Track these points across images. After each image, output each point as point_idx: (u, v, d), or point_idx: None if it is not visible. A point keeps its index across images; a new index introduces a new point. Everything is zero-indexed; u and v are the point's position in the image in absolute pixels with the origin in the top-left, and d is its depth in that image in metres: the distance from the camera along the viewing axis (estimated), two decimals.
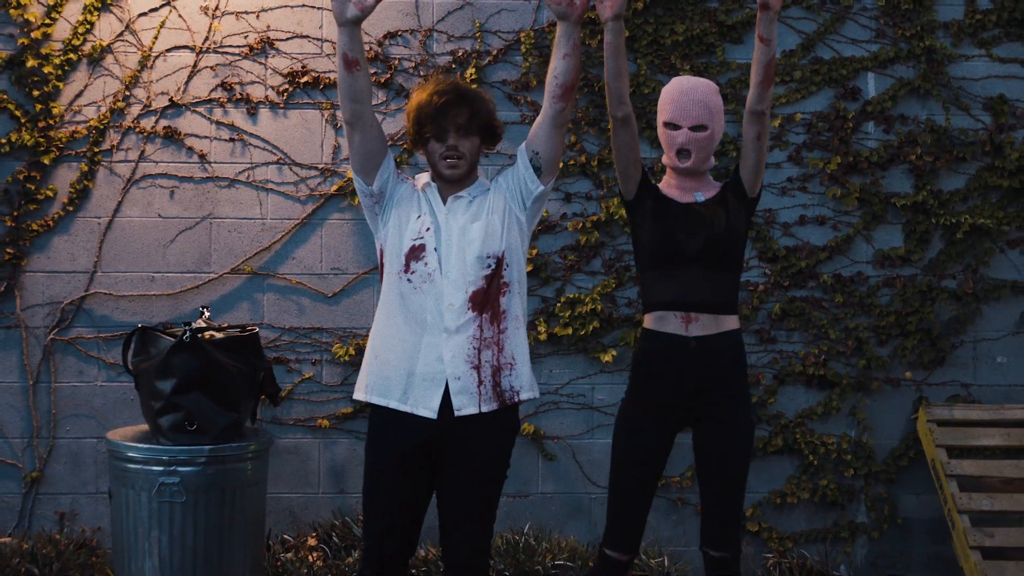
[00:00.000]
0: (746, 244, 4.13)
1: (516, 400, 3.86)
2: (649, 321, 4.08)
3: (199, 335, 4.81)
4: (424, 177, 3.97)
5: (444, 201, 3.90)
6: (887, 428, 5.88)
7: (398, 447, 3.82)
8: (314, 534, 5.60)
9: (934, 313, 5.85)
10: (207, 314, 5.11)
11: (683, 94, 4.05)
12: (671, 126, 4.06)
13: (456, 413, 3.77)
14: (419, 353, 3.80)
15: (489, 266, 3.82)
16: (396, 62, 5.75)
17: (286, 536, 5.61)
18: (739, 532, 4.12)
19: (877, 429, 5.87)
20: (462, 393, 3.77)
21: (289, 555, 5.41)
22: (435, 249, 3.82)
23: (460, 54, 5.76)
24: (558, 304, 5.76)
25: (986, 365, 5.91)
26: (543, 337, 5.74)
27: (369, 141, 3.85)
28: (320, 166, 5.73)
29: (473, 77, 5.70)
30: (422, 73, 5.73)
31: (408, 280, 3.82)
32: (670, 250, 4.02)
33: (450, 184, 3.91)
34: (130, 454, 4.78)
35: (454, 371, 3.77)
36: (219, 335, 4.89)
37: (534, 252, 5.73)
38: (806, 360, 5.81)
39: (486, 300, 3.81)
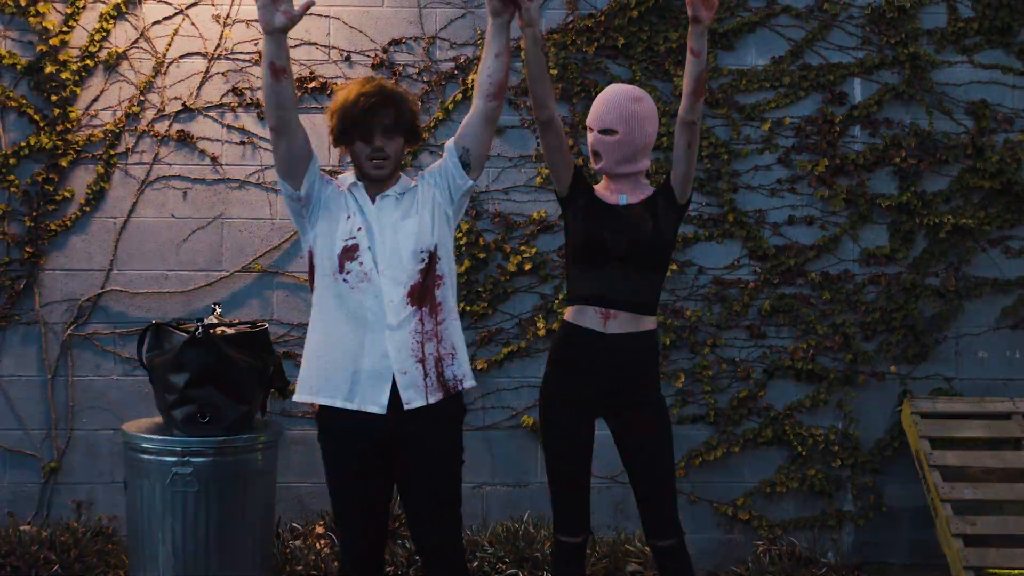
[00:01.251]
0: (672, 248, 4.10)
1: (460, 388, 3.84)
2: (569, 314, 4.09)
3: (211, 331, 4.81)
4: (348, 177, 3.91)
5: (372, 200, 3.84)
6: (873, 420, 5.89)
7: (353, 445, 3.78)
8: (321, 522, 5.60)
9: (918, 309, 5.85)
10: (219, 311, 5.11)
11: (601, 98, 4.08)
12: (588, 128, 4.09)
13: (405, 407, 3.73)
14: (363, 351, 3.73)
15: (423, 260, 3.78)
16: (401, 68, 5.75)
17: (295, 524, 5.61)
18: (678, 518, 4.08)
19: (863, 421, 5.88)
20: (410, 387, 3.73)
21: (297, 542, 5.42)
22: (369, 248, 3.76)
23: (462, 60, 5.76)
24: (556, 301, 5.76)
25: (968, 359, 5.91)
26: (541, 332, 5.74)
27: (296, 147, 3.76)
28: (327, 168, 5.73)
29: (474, 82, 5.70)
30: (425, 79, 5.73)
31: (344, 280, 3.76)
32: (595, 248, 4.01)
33: (376, 183, 3.85)
34: (145, 445, 4.79)
35: (400, 366, 3.72)
36: (230, 331, 4.89)
37: (533, 251, 5.73)
38: (795, 355, 5.82)
39: (424, 294, 3.77)
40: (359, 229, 3.78)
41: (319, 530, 5.54)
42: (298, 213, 3.86)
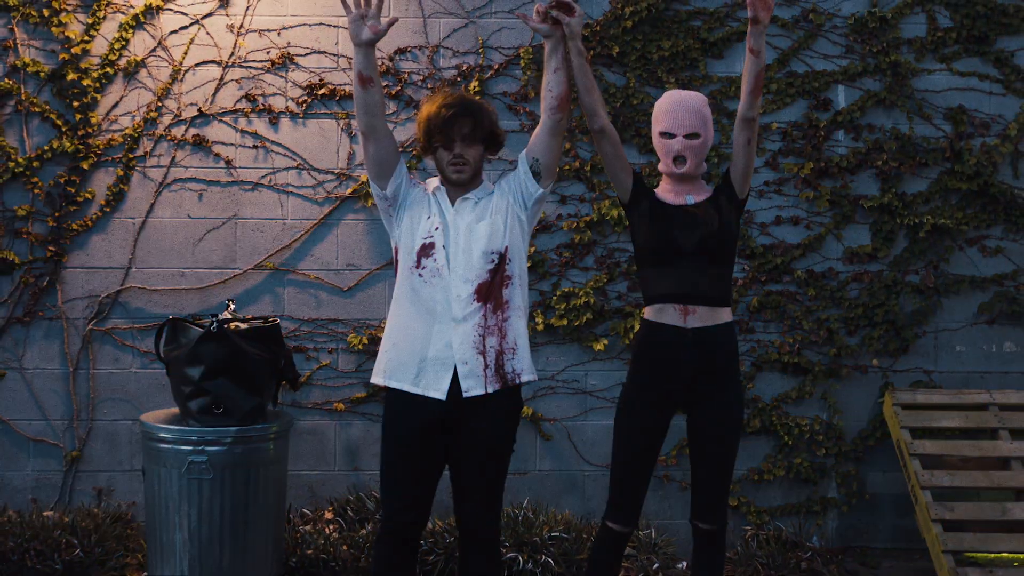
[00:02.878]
0: (737, 241, 4.13)
1: (518, 382, 3.90)
2: (649, 313, 4.08)
3: (225, 326, 4.81)
4: (434, 181, 4.01)
5: (452, 203, 3.94)
6: (856, 411, 5.88)
7: (412, 425, 3.86)
8: (330, 508, 5.60)
9: (899, 305, 5.84)
10: (232, 307, 5.11)
11: (677, 105, 4.06)
12: (667, 135, 4.07)
13: (464, 394, 3.82)
14: (430, 340, 3.84)
15: (493, 260, 3.87)
16: (406, 75, 5.74)
17: (305, 510, 5.61)
18: (726, 507, 4.14)
19: (847, 412, 5.87)
20: (469, 376, 3.82)
21: (308, 527, 5.41)
22: (443, 246, 3.87)
23: (464, 68, 5.75)
24: (554, 297, 5.75)
25: (946, 353, 5.91)
26: (540, 327, 5.73)
27: (383, 151, 3.90)
28: (336, 171, 5.72)
29: (476, 89, 5.70)
30: (430, 86, 5.73)
31: (419, 275, 3.87)
32: (668, 247, 4.02)
33: (457, 187, 3.95)
34: (162, 435, 4.79)
35: (462, 356, 3.82)
36: (244, 326, 4.89)
37: (532, 250, 5.72)
38: (782, 349, 5.81)
39: (490, 292, 3.86)
40: (437, 228, 3.90)
41: (328, 516, 5.53)
42: (386, 212, 4.00)
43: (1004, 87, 5.89)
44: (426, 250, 3.88)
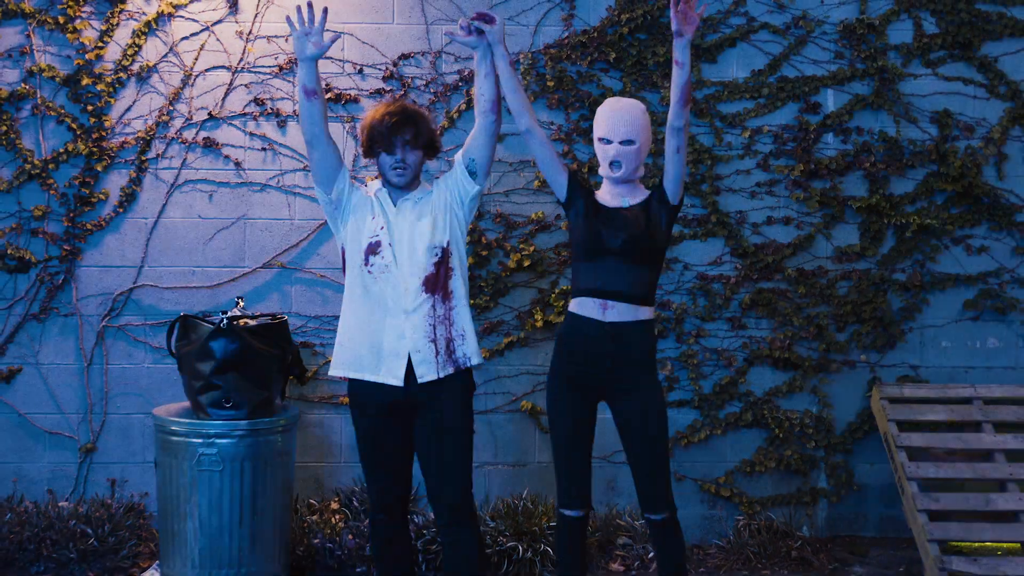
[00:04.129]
0: (667, 245, 4.19)
1: (468, 365, 4.09)
2: (573, 305, 4.18)
3: (235, 322, 4.81)
4: (375, 184, 4.19)
5: (394, 203, 4.11)
6: (845, 405, 5.88)
7: (377, 410, 4.06)
8: (336, 499, 5.59)
9: (886, 302, 5.84)
10: (242, 304, 5.11)
11: (614, 112, 4.14)
12: (604, 141, 4.15)
13: (419, 380, 4.00)
14: (383, 332, 4.02)
15: (437, 254, 4.05)
16: (409, 81, 5.73)
17: (312, 500, 5.60)
18: (671, 494, 4.17)
19: (836, 406, 5.87)
20: (423, 363, 4.00)
21: (314, 517, 5.41)
22: (390, 244, 4.03)
23: (466, 73, 5.74)
24: (553, 295, 5.74)
25: (932, 349, 5.90)
26: (539, 324, 5.73)
27: (326, 158, 4.07)
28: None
29: None
30: (433, 91, 5.72)
31: (369, 271, 4.03)
32: (594, 245, 4.10)
33: (398, 189, 4.12)
34: (174, 428, 4.79)
35: (415, 345, 4.00)
36: (252, 322, 4.89)
37: (531, 248, 5.71)
38: (773, 344, 5.81)
39: (436, 283, 4.03)
40: (382, 228, 4.04)
41: (334, 506, 5.53)
42: (331, 215, 4.15)
43: (988, 91, 5.87)
44: (373, 248, 4.03)
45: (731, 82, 5.80)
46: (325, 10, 4.02)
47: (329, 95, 5.69)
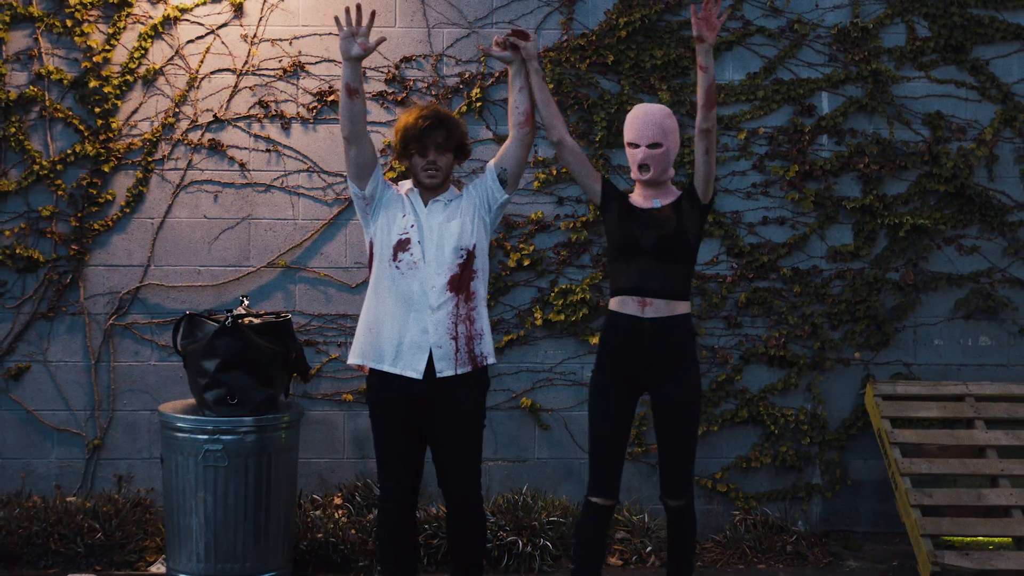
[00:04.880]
0: (699, 242, 4.27)
1: (485, 363, 4.16)
2: (613, 304, 4.25)
3: (239, 321, 4.80)
4: (406, 184, 4.24)
5: (425, 203, 4.16)
6: (839, 402, 5.87)
7: (394, 401, 4.09)
8: (339, 494, 5.58)
9: (880, 301, 5.83)
10: (246, 302, 5.10)
11: (641, 118, 4.22)
12: (633, 145, 4.24)
13: (438, 375, 4.06)
14: (407, 326, 4.07)
15: (462, 256, 4.11)
16: (411, 83, 5.72)
17: (315, 496, 5.60)
18: (691, 482, 4.26)
19: (830, 402, 5.86)
20: (443, 359, 4.06)
21: (318, 512, 5.40)
22: (419, 242, 4.09)
23: (467, 76, 5.74)
24: (552, 294, 5.74)
25: (925, 347, 5.90)
26: (539, 322, 5.72)
27: (363, 155, 4.12)
28: (345, 173, 5.71)
29: (478, 96, 5.68)
30: (434, 92, 5.71)
31: (396, 267, 4.09)
32: (630, 246, 4.18)
33: (429, 190, 4.17)
34: (179, 424, 4.78)
35: (436, 341, 4.06)
36: (257, 321, 4.88)
37: (531, 248, 5.71)
38: (768, 342, 5.80)
39: (461, 283, 4.10)
40: (412, 226, 4.11)
41: (337, 501, 5.52)
42: (363, 209, 4.20)
43: (979, 94, 5.87)
44: (402, 245, 4.09)
45: (727, 85, 5.80)
46: (373, 13, 4.07)
47: (332, 97, 5.69)
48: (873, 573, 5.35)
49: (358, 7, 4.02)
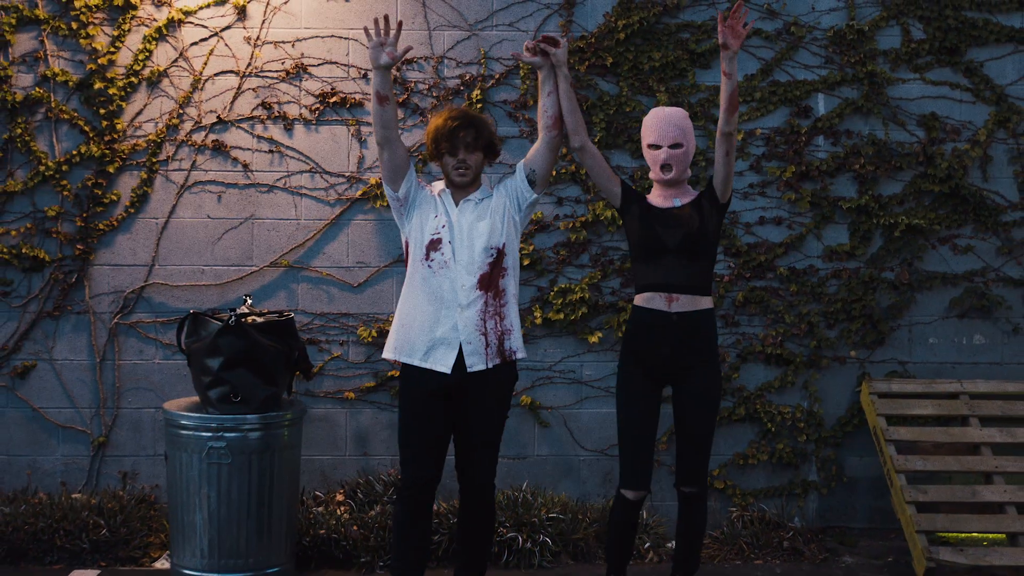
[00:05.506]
0: (718, 240, 4.36)
1: (514, 358, 4.26)
2: (639, 300, 4.32)
3: (243, 320, 4.80)
4: (439, 184, 4.33)
5: (456, 203, 4.25)
6: (835, 399, 5.87)
7: (423, 394, 4.17)
8: (341, 491, 5.58)
9: (875, 300, 5.83)
10: (249, 302, 5.10)
11: (662, 120, 4.30)
12: (654, 147, 4.31)
13: (468, 369, 4.15)
14: (438, 322, 4.15)
15: (492, 255, 4.19)
16: (412, 85, 5.72)
17: (317, 492, 5.59)
18: (707, 473, 4.34)
19: (826, 400, 5.86)
20: (473, 354, 4.15)
21: (320, 508, 5.40)
22: (449, 242, 4.18)
23: (467, 78, 5.73)
24: (551, 293, 5.73)
25: (920, 345, 5.90)
26: (539, 321, 5.72)
27: (396, 158, 4.20)
28: (347, 174, 5.71)
29: (478, 97, 5.68)
30: (435, 94, 5.71)
31: (428, 266, 4.18)
32: (654, 244, 4.26)
33: (460, 189, 4.27)
34: (183, 422, 4.77)
35: (466, 337, 4.15)
36: (260, 320, 4.88)
37: (531, 248, 5.71)
38: (765, 341, 5.80)
39: (490, 282, 4.18)
40: (443, 226, 4.20)
41: (339, 498, 5.52)
42: (398, 211, 4.28)
43: (974, 95, 5.87)
44: (434, 245, 4.18)
45: None
46: (400, 23, 4.15)
47: (335, 98, 5.68)
48: (868, 569, 5.35)
49: (386, 18, 4.11)
